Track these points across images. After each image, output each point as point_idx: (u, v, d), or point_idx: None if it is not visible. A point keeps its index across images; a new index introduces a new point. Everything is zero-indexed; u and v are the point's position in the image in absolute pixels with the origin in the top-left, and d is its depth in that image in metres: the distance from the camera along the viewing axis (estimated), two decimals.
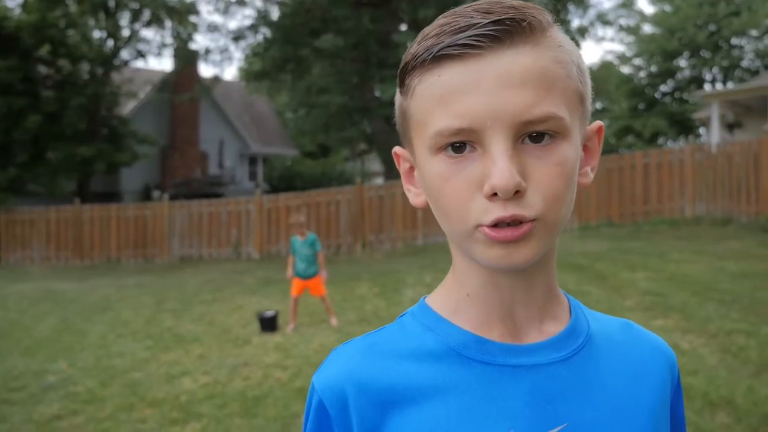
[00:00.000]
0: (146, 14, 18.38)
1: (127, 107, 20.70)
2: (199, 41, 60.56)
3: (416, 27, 15.32)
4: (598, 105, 47.70)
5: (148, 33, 18.84)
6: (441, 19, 0.52)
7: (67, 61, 16.15)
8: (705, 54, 32.06)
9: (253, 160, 29.02)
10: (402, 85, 0.56)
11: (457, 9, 0.52)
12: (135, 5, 17.98)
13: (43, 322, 7.35)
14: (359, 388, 0.55)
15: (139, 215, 14.26)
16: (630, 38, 36.79)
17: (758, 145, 9.77)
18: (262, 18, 15.35)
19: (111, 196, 19.57)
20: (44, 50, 14.92)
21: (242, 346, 5.58)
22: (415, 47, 0.53)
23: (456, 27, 0.50)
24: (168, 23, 18.95)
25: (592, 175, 0.59)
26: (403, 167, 0.62)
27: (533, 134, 0.51)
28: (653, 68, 33.96)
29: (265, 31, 15.35)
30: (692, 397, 3.30)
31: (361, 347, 0.58)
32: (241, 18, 35.86)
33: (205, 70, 40.27)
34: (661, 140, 33.53)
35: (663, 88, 34.69)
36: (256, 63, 19.56)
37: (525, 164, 0.50)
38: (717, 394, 3.29)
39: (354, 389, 0.55)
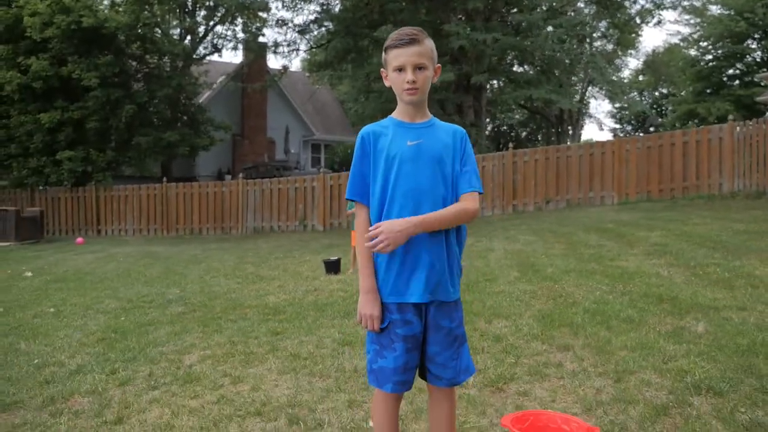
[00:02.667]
0: (220, 11, 20.19)
1: (201, 97, 22.72)
2: (268, 35, 62.91)
3: (468, 17, 16.34)
4: (663, 90, 46.73)
5: (220, 28, 20.49)
6: (395, 33, 1.82)
7: (154, 56, 18.18)
8: None
9: (315, 147, 30.73)
10: (385, 51, 1.85)
11: (400, 30, 1.81)
12: (210, 3, 19.80)
13: (151, 269, 9.03)
14: (371, 131, 1.87)
15: (218, 192, 16.06)
16: (696, 20, 36.06)
17: None
18: (326, 12, 16.75)
19: (188, 180, 21.66)
20: (135, 47, 16.86)
21: (312, 281, 6.96)
22: (389, 41, 1.82)
23: (399, 36, 1.81)
24: (239, 19, 20.70)
25: (436, 79, 1.86)
26: (383, 75, 1.91)
27: (419, 67, 1.81)
28: (720, 51, 33.19)
29: (328, 24, 16.74)
30: (649, 296, 4.38)
31: (373, 124, 1.89)
32: (307, 13, 37.53)
33: (272, 62, 42.50)
34: None
35: (731, 71, 33.84)
36: (318, 54, 21.04)
37: (417, 76, 1.82)
38: (668, 295, 4.36)
39: (371, 131, 1.87)
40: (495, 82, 21.72)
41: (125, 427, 2.72)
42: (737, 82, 33.05)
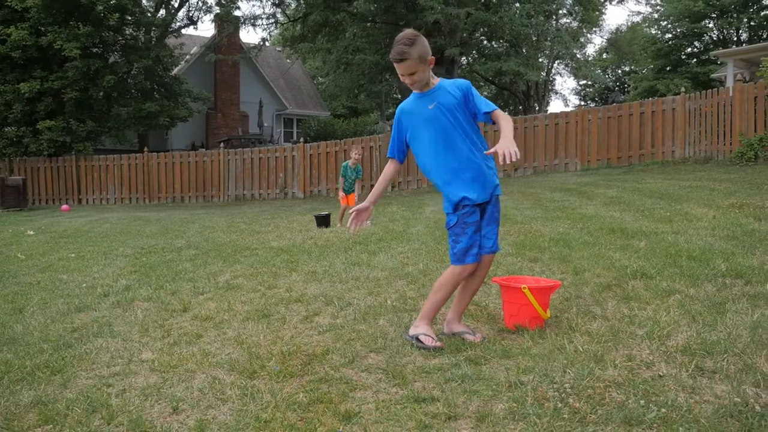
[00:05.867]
0: None
1: (173, 71, 22.83)
2: (243, 8, 61.69)
3: None
4: (626, 68, 48.29)
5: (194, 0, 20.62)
6: (393, 48, 2.56)
7: (131, 28, 18.29)
8: (732, 15, 32.45)
9: (288, 122, 31.08)
10: None
11: (396, 43, 2.54)
12: None
13: (148, 228, 9.58)
14: (403, 108, 2.67)
15: (199, 161, 16.49)
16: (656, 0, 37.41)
17: (733, 93, 11.33)
18: None
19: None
20: (113, 19, 16.92)
21: (306, 233, 7.66)
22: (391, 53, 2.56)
23: (393, 54, 2.55)
24: None
25: (432, 65, 2.64)
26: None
27: (411, 73, 2.59)
28: (679, 30, 34.59)
29: None
30: (603, 228, 5.23)
31: (404, 102, 2.67)
32: None
33: (245, 36, 42.14)
34: None
35: (689, 49, 35.34)
36: (290, 29, 21.38)
37: (412, 79, 2.61)
38: (618, 227, 5.22)
39: (403, 108, 2.66)
40: (464, 59, 22.40)
41: (193, 312, 3.43)
42: (694, 60, 34.57)
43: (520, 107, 37.93)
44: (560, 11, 26.48)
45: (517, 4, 17.46)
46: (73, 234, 9.04)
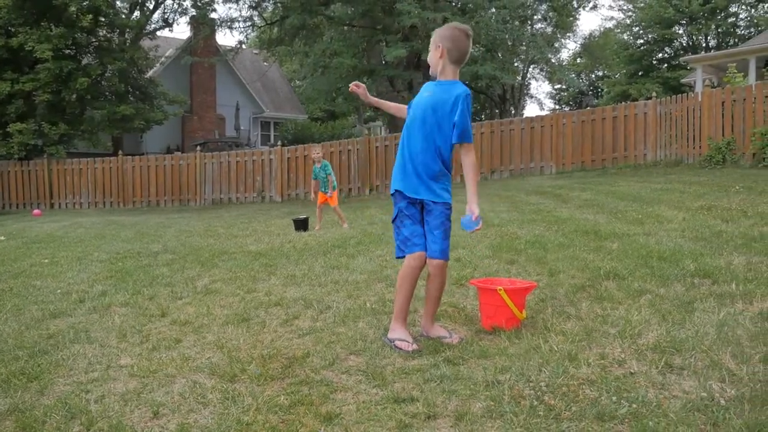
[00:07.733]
0: None
1: (148, 73, 22.59)
2: (219, 10, 61.35)
3: None
4: (599, 73, 49.16)
5: (170, 1, 20.44)
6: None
7: (105, 29, 18.05)
8: (700, 21, 33.26)
9: (265, 125, 30.93)
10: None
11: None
12: None
13: (123, 232, 9.46)
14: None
15: (175, 165, 16.32)
16: (628, 5, 38.23)
17: (702, 98, 11.64)
18: None
19: None
20: (86, 20, 16.70)
21: (284, 236, 7.64)
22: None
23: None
24: None
25: (442, 57, 2.74)
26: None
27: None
28: (650, 36, 35.35)
29: (282, 1, 17.11)
30: (577, 230, 5.34)
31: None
32: None
33: (221, 39, 41.92)
34: None
35: (660, 55, 36.15)
36: (266, 32, 21.32)
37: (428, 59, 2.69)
38: (592, 229, 5.33)
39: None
40: None
41: (172, 317, 3.42)
42: (665, 65, 35.35)
43: (497, 111, 38.31)
44: (535, 17, 26.89)
45: (493, 10, 17.68)
46: (46, 239, 8.88)
